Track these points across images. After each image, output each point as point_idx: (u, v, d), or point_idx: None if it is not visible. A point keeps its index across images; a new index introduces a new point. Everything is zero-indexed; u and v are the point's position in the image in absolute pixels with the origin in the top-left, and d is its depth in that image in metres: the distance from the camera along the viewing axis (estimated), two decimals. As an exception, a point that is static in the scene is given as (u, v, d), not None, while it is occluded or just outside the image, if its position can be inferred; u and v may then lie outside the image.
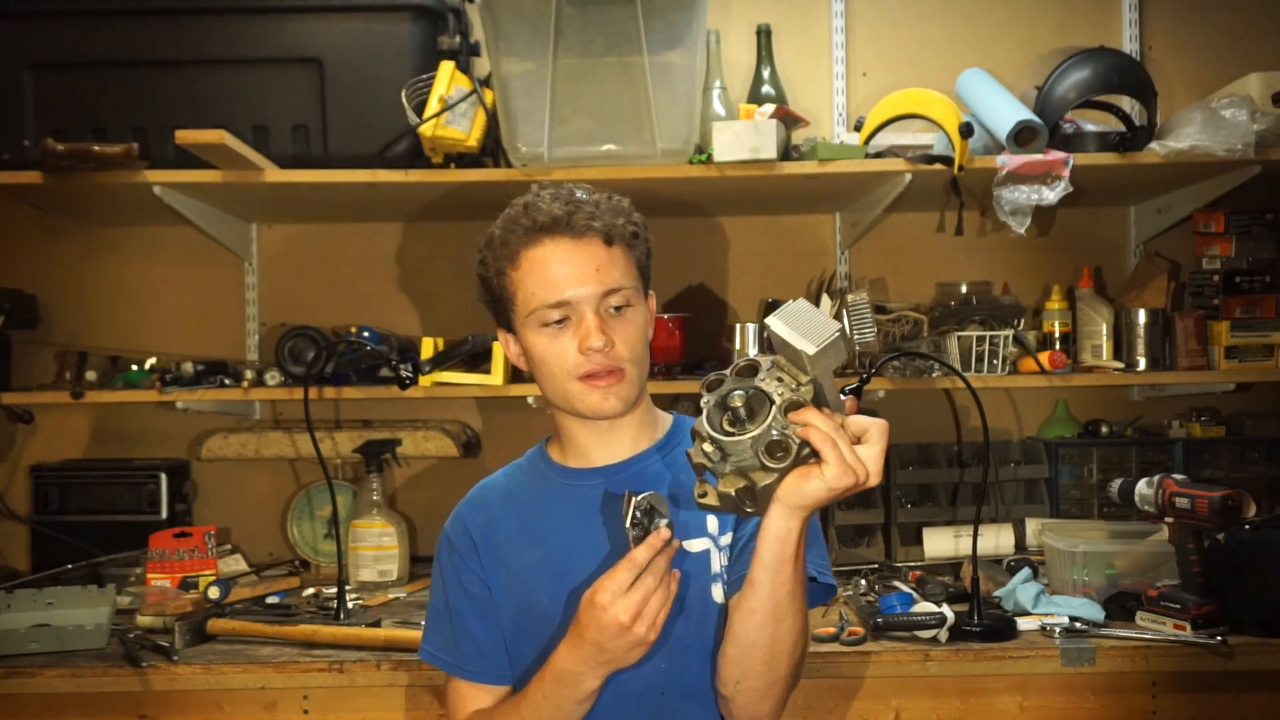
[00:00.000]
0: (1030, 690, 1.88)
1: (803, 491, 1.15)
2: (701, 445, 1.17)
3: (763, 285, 2.68)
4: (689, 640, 1.35)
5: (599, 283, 1.33)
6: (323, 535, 2.62)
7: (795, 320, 1.14)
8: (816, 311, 1.15)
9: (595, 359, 1.32)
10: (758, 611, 1.25)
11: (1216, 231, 2.51)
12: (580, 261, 1.33)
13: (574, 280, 1.33)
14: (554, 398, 1.39)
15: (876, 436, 1.18)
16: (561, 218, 1.34)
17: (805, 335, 1.13)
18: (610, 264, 1.34)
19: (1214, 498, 1.88)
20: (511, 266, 1.36)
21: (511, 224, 1.37)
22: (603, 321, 1.33)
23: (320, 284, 2.71)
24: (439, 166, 2.28)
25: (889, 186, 2.33)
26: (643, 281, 1.40)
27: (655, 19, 2.13)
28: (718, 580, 1.37)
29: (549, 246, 1.34)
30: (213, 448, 2.59)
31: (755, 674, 1.29)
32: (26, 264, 2.67)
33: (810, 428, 1.13)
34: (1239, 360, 2.44)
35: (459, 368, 2.35)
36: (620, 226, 1.36)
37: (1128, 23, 2.71)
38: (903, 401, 2.68)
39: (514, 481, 1.50)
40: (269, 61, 2.28)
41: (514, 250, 1.36)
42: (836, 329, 1.13)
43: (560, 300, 1.33)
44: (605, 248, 1.34)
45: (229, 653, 1.92)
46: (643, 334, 1.38)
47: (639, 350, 1.37)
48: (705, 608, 1.36)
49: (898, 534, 2.50)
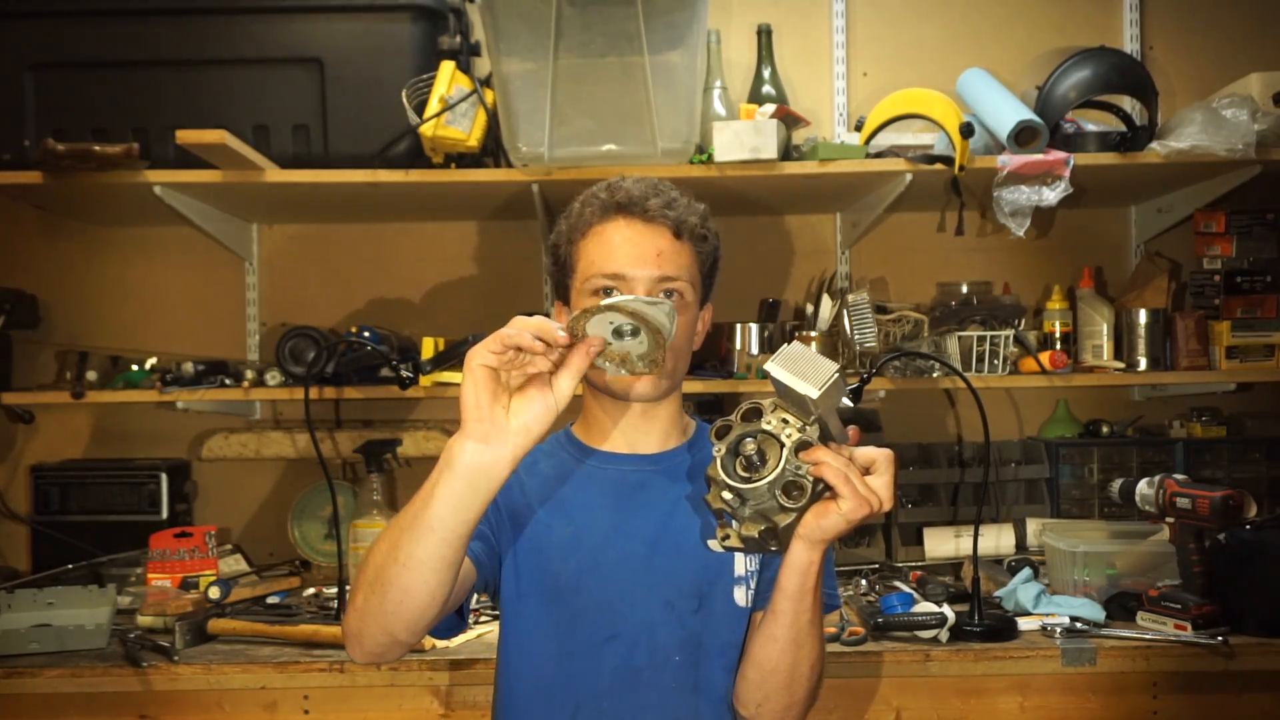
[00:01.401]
0: (1031, 690, 1.88)
1: (822, 526, 1.19)
2: (720, 492, 1.20)
3: (763, 285, 2.68)
4: (705, 637, 1.37)
5: (657, 266, 1.35)
6: (323, 535, 2.62)
7: (794, 364, 1.16)
8: (813, 354, 1.18)
9: None
10: (779, 639, 1.29)
11: (1217, 231, 2.51)
12: (644, 243, 1.35)
13: (634, 258, 1.35)
14: (591, 373, 1.34)
15: (884, 466, 1.20)
16: (639, 199, 1.36)
17: (806, 378, 1.15)
18: (674, 254, 1.36)
19: (1215, 498, 1.88)
20: (581, 237, 1.38)
21: (592, 197, 1.40)
22: None
23: (320, 284, 2.71)
24: (439, 166, 2.28)
25: (889, 186, 2.33)
26: (703, 288, 1.43)
27: (655, 19, 2.13)
28: (742, 583, 1.38)
29: (620, 223, 1.37)
30: (213, 448, 2.59)
31: (776, 697, 1.32)
32: (27, 264, 2.67)
33: (823, 465, 1.16)
34: (1240, 360, 2.44)
35: (459, 368, 2.33)
36: (692, 224, 1.38)
37: (1128, 22, 2.71)
38: (903, 401, 2.68)
39: (539, 461, 1.45)
40: (269, 61, 2.28)
41: (587, 221, 1.38)
42: (835, 370, 1.16)
43: (616, 272, 1.34)
44: (673, 239, 1.36)
45: (229, 653, 1.92)
46: (688, 332, 1.39)
47: (680, 345, 1.37)
48: (726, 608, 1.38)
49: (898, 534, 2.50)
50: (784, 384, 1.17)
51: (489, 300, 2.67)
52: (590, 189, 1.42)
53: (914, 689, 1.88)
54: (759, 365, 2.42)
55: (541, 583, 1.38)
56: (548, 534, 1.39)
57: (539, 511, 1.40)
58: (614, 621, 1.36)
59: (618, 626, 1.36)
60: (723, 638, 1.37)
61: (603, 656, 1.35)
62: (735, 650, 1.38)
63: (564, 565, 1.37)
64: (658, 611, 1.36)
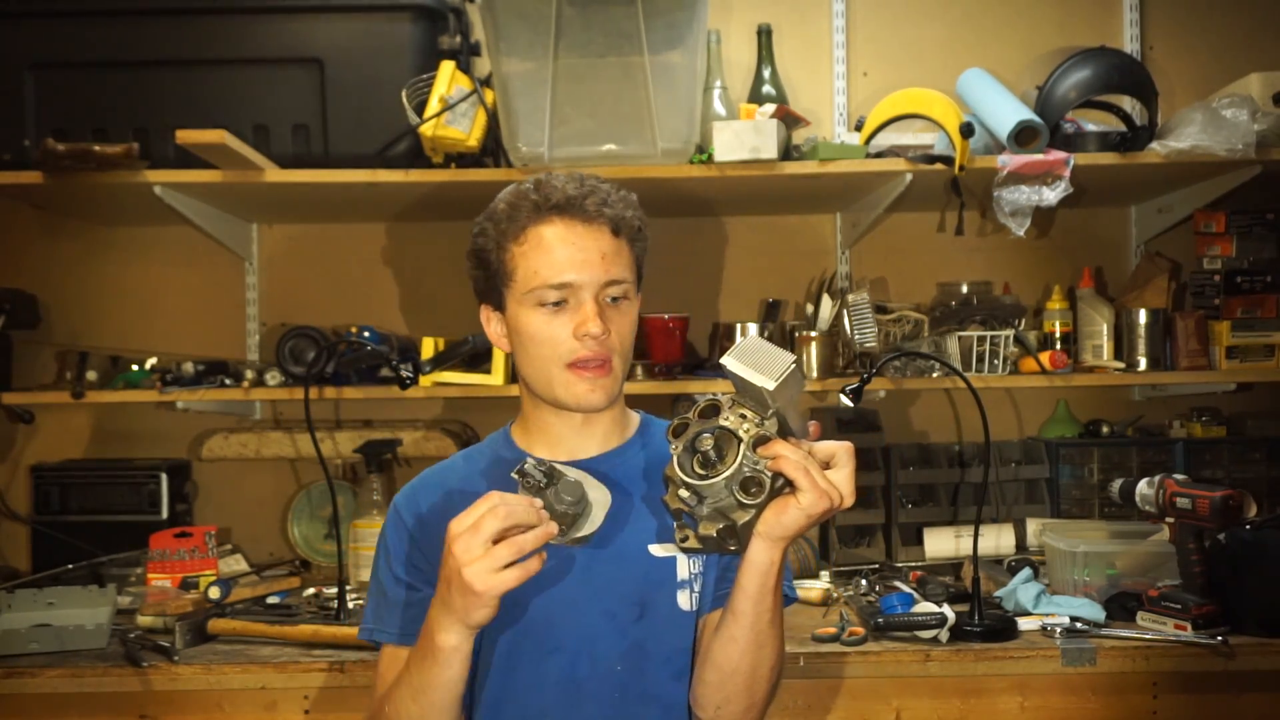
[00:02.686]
0: (1031, 690, 1.88)
1: (782, 523, 1.17)
2: (677, 491, 1.18)
3: (763, 285, 2.68)
4: (649, 645, 1.34)
5: (604, 270, 1.31)
6: (323, 535, 2.62)
7: (751, 356, 1.15)
8: (770, 345, 1.17)
9: (590, 345, 1.30)
10: (739, 640, 1.26)
11: (1217, 231, 2.51)
12: (588, 246, 1.31)
13: (579, 264, 1.31)
14: (535, 381, 1.36)
15: (844, 459, 1.18)
16: (575, 199, 1.32)
17: (763, 371, 1.14)
18: (615, 254, 1.33)
19: (1215, 498, 1.88)
20: (515, 241, 1.33)
21: (521, 198, 1.34)
22: (600, 309, 1.31)
23: (320, 284, 2.71)
24: (439, 166, 2.28)
25: (890, 186, 2.33)
26: (638, 279, 1.40)
27: (655, 19, 2.13)
28: (685, 587, 1.36)
29: (559, 226, 1.32)
30: (213, 448, 2.59)
31: (736, 699, 1.30)
32: (26, 264, 2.67)
33: (781, 459, 1.14)
34: (1240, 360, 2.44)
35: (459, 368, 2.35)
36: (629, 219, 1.35)
37: (1128, 22, 2.71)
38: (903, 401, 2.69)
39: (475, 467, 1.44)
40: (269, 61, 2.28)
41: (520, 225, 1.33)
42: (792, 360, 1.14)
43: (563, 281, 1.30)
44: (612, 237, 1.33)
45: (229, 653, 1.92)
46: (633, 329, 1.37)
47: (628, 344, 1.36)
48: (670, 614, 1.35)
49: (898, 534, 2.50)
50: (740, 377, 1.15)
51: (489, 300, 2.67)
52: (513, 188, 1.37)
53: (914, 689, 1.87)
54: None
55: None
56: None
57: None
58: (556, 634, 1.33)
59: (561, 639, 1.33)
60: (668, 644, 1.35)
61: (547, 670, 1.33)
62: (683, 656, 1.35)
63: None
64: (598, 622, 1.33)
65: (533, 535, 1.15)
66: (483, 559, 1.13)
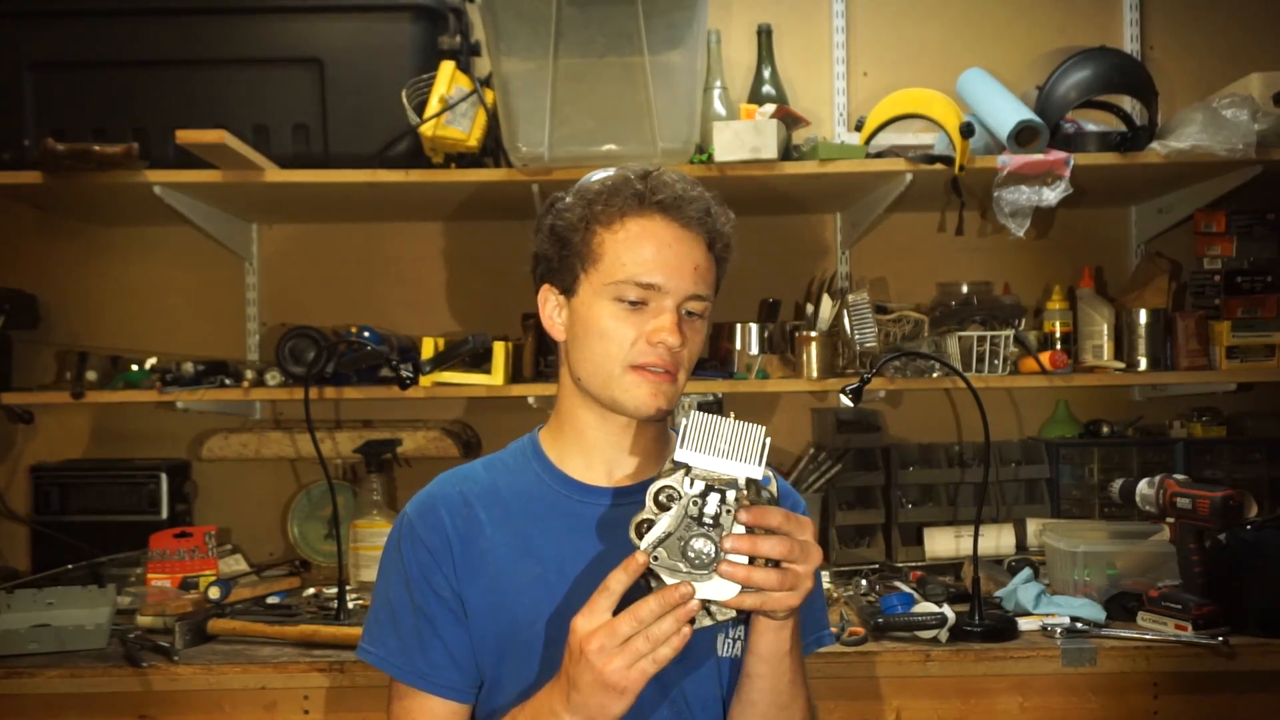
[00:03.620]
0: (1031, 690, 1.88)
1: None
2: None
3: (763, 285, 2.68)
4: (689, 690, 1.26)
5: (692, 282, 1.24)
6: (323, 535, 2.62)
7: (712, 442, 1.09)
8: (722, 420, 1.10)
9: (661, 353, 1.22)
10: (759, 703, 1.21)
11: (1217, 231, 2.51)
12: (682, 253, 1.24)
13: (671, 269, 1.23)
14: (592, 378, 1.26)
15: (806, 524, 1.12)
16: (684, 200, 1.24)
17: (734, 457, 1.09)
18: (706, 270, 1.26)
19: (1215, 498, 1.88)
20: (607, 226, 1.24)
21: (623, 184, 1.25)
22: (679, 320, 1.24)
23: (320, 284, 2.71)
24: (439, 166, 2.28)
25: (889, 186, 2.33)
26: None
27: (656, 19, 2.13)
28: (722, 631, 1.27)
29: (659, 224, 1.24)
30: (213, 448, 2.58)
31: None
32: (26, 264, 2.67)
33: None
34: (1240, 360, 2.44)
35: (459, 368, 2.34)
36: (724, 236, 1.28)
37: (1129, 22, 2.71)
38: (903, 401, 2.69)
39: (499, 479, 1.32)
40: (269, 61, 2.28)
41: (618, 210, 1.24)
42: (761, 438, 1.09)
43: (651, 283, 1.22)
44: (706, 251, 1.26)
45: (229, 653, 1.92)
46: (700, 348, 1.30)
47: (693, 362, 1.29)
48: (707, 658, 1.27)
49: (898, 534, 2.50)
50: (706, 470, 1.09)
51: (489, 300, 2.67)
52: (614, 171, 1.28)
53: (914, 689, 1.87)
54: (759, 367, 2.42)
55: (499, 627, 1.25)
56: (511, 574, 1.26)
57: (505, 551, 1.27)
58: None
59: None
60: (705, 691, 1.26)
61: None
62: (718, 704, 1.27)
63: (531, 611, 1.24)
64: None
65: (671, 620, 1.07)
66: (620, 654, 1.07)
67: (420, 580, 1.27)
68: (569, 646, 1.10)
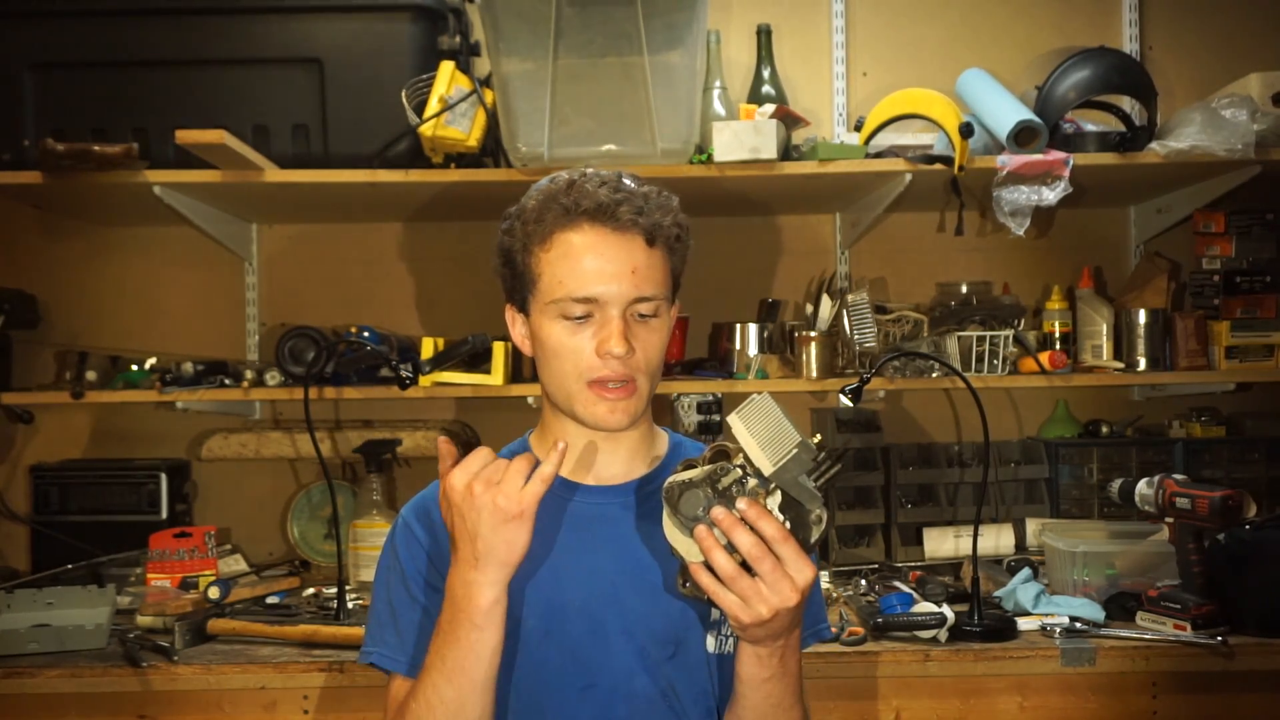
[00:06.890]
0: (1030, 690, 1.88)
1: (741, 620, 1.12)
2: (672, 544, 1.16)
3: (763, 285, 2.68)
4: (680, 687, 1.28)
5: (633, 286, 1.23)
6: (323, 535, 2.62)
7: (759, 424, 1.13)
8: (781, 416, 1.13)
9: (613, 365, 1.22)
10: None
11: (1217, 231, 2.51)
12: (617, 258, 1.22)
13: (607, 277, 1.22)
14: (555, 394, 1.29)
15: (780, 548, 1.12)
16: (607, 205, 1.22)
17: (766, 448, 1.13)
18: (648, 267, 1.24)
19: (1214, 498, 1.88)
20: (541, 246, 1.25)
21: (550, 199, 1.25)
22: (627, 326, 1.23)
23: (320, 284, 2.71)
24: (439, 166, 2.28)
25: (889, 186, 2.33)
26: (674, 289, 1.31)
27: (655, 19, 2.13)
28: (714, 629, 1.28)
29: (587, 234, 1.23)
30: (213, 448, 2.59)
31: None
32: (26, 264, 2.67)
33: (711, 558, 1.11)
34: (1239, 360, 2.44)
35: (459, 368, 2.35)
36: (666, 227, 1.26)
37: (1128, 22, 2.71)
38: (903, 401, 2.69)
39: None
40: (269, 61, 2.28)
41: (548, 228, 1.24)
42: (796, 444, 1.12)
43: (588, 296, 1.22)
44: (646, 248, 1.24)
45: (229, 653, 1.92)
46: (663, 346, 1.28)
47: (656, 363, 1.27)
48: (698, 655, 1.29)
49: (898, 534, 2.50)
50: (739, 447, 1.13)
51: (488, 300, 2.65)
52: (545, 184, 1.28)
53: (914, 689, 1.88)
54: (759, 367, 2.42)
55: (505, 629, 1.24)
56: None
57: None
58: (589, 669, 1.26)
59: (593, 675, 1.25)
60: (697, 687, 1.28)
61: (580, 707, 1.25)
62: (709, 699, 1.28)
63: (527, 610, 1.26)
64: (633, 659, 1.26)
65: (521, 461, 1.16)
66: (507, 480, 1.14)
67: (416, 576, 1.30)
68: (453, 505, 1.16)
